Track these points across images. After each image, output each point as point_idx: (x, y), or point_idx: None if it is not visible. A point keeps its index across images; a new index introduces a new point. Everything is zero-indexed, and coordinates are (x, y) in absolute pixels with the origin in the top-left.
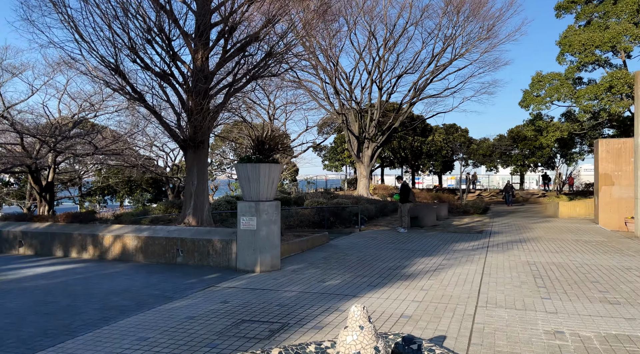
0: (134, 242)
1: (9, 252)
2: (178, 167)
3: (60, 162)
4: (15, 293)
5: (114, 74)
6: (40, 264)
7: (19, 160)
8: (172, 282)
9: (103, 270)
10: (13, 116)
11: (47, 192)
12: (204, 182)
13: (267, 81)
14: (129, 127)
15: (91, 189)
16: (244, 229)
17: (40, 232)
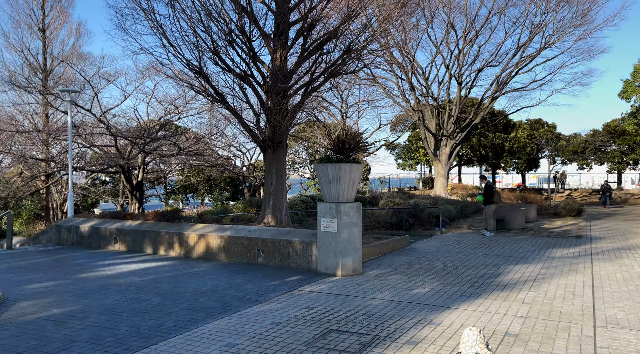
0: (217, 242)
1: (106, 248)
2: (254, 166)
3: (149, 163)
4: (113, 289)
5: (198, 76)
6: (133, 260)
7: (114, 161)
8: (254, 283)
9: (189, 269)
10: (108, 120)
11: (138, 190)
12: (282, 182)
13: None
14: (209, 129)
15: (175, 188)
16: (324, 231)
17: (132, 229)
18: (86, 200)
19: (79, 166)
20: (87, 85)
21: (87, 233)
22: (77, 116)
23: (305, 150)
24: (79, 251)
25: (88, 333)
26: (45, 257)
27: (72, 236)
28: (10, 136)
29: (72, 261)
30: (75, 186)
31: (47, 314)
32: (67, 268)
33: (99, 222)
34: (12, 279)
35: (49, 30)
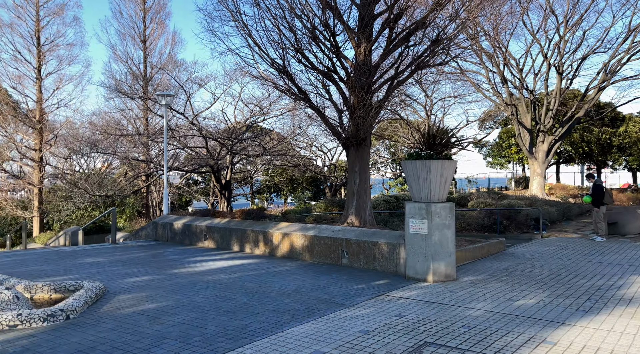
0: (300, 241)
1: (196, 244)
2: (335, 166)
3: (236, 163)
4: (201, 286)
5: (282, 75)
6: (221, 258)
7: (204, 161)
8: (339, 285)
9: (273, 267)
10: (199, 122)
11: (226, 189)
12: (366, 181)
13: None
14: (292, 129)
15: (260, 187)
16: (413, 233)
17: (220, 227)
18: (181, 198)
19: (173, 167)
20: (180, 90)
21: (180, 230)
22: (173, 120)
23: (387, 149)
24: (173, 246)
25: (177, 331)
26: (143, 252)
27: (167, 232)
28: (116, 139)
29: (166, 256)
30: (170, 186)
31: (142, 309)
32: (162, 263)
33: (190, 219)
34: (114, 273)
35: (149, 41)
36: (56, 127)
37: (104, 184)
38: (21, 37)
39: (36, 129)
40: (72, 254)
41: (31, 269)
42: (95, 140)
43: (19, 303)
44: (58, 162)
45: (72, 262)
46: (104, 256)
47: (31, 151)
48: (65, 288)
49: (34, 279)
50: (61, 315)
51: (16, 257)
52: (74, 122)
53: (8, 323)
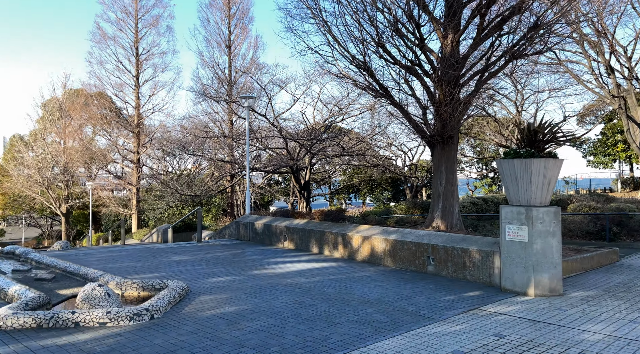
0: (382, 245)
1: (276, 245)
2: (416, 166)
3: (315, 164)
4: (280, 290)
5: (362, 71)
6: (300, 260)
7: (284, 162)
8: (426, 296)
9: (354, 272)
10: (280, 123)
11: (305, 190)
12: (453, 182)
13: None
14: (371, 129)
15: (338, 188)
16: (510, 240)
17: (299, 228)
18: (263, 198)
19: (255, 167)
20: (262, 92)
21: (261, 230)
22: (255, 122)
23: (472, 148)
24: (253, 246)
25: (256, 339)
26: (226, 251)
27: (248, 232)
28: (203, 141)
29: (247, 256)
30: (253, 186)
31: (222, 312)
32: (243, 264)
33: (270, 220)
34: (198, 272)
35: (233, 46)
36: (151, 131)
37: (192, 184)
38: (122, 48)
39: (134, 133)
40: (161, 251)
41: (124, 265)
42: (185, 142)
43: (109, 300)
44: (153, 164)
45: (161, 259)
46: (189, 255)
47: (130, 153)
48: (152, 286)
49: (126, 275)
50: (146, 315)
51: (113, 253)
52: (167, 126)
53: (98, 320)
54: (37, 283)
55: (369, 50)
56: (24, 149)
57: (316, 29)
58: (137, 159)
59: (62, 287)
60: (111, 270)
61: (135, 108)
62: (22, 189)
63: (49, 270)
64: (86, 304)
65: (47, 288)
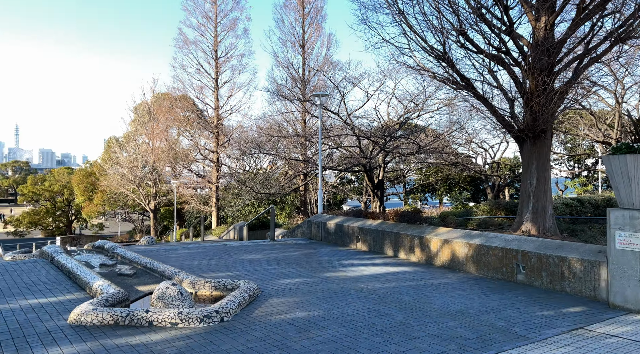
0: (463, 250)
1: (349, 245)
2: (498, 164)
3: (389, 162)
4: (353, 295)
5: (441, 62)
6: (374, 262)
7: (357, 160)
8: (517, 309)
9: (432, 279)
10: (352, 121)
11: (379, 189)
12: (545, 181)
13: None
14: (448, 125)
15: (414, 187)
16: (621, 249)
17: (373, 229)
18: (335, 197)
19: (327, 166)
20: (335, 90)
21: (333, 230)
22: (328, 121)
23: (562, 144)
24: (326, 246)
25: (326, 350)
26: (298, 250)
27: (321, 231)
28: (278, 141)
29: (319, 257)
30: (326, 184)
31: (291, 317)
32: (314, 265)
33: (342, 220)
34: (269, 272)
35: (307, 45)
36: (229, 131)
37: (267, 183)
38: (203, 52)
39: (214, 133)
40: (236, 249)
41: (200, 262)
42: (260, 142)
43: (182, 299)
44: (232, 163)
45: (235, 258)
46: (262, 253)
47: (210, 153)
48: (224, 286)
49: (201, 273)
50: (216, 317)
51: (191, 250)
52: (244, 126)
53: (170, 320)
54: (120, 278)
55: (448, 40)
56: (118, 149)
57: (391, 19)
58: (217, 158)
59: (142, 283)
60: (187, 267)
61: (215, 109)
62: (117, 187)
63: (131, 265)
64: (160, 303)
65: (128, 283)
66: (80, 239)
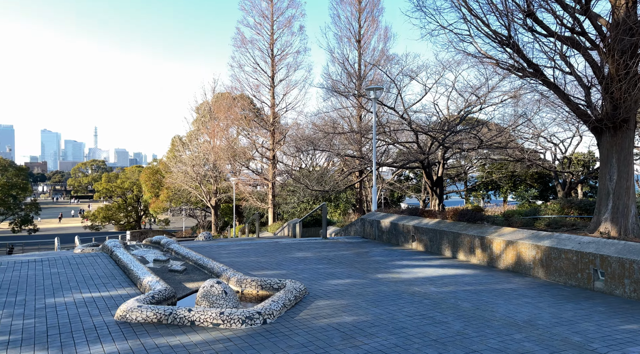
0: (530, 252)
1: (403, 245)
2: (569, 160)
3: (448, 158)
4: (406, 300)
5: (505, 48)
6: (430, 264)
7: (414, 156)
8: (596, 322)
9: (495, 283)
10: (410, 116)
11: (437, 186)
12: (628, 177)
13: None
14: (513, 119)
15: (475, 184)
16: None
17: (429, 228)
18: (393, 194)
19: (383, 162)
20: (392, 85)
21: (387, 228)
22: (384, 116)
23: None
24: (379, 246)
25: None
26: (350, 249)
27: (374, 230)
28: (332, 137)
29: (371, 257)
30: (382, 181)
31: (338, 322)
32: (366, 265)
33: (397, 218)
34: (318, 271)
35: (363, 39)
36: (285, 129)
37: (322, 180)
38: (259, 50)
39: (270, 131)
40: (287, 247)
41: (250, 260)
42: (314, 138)
43: (226, 298)
44: (288, 160)
45: (285, 256)
46: (312, 251)
47: (267, 151)
48: (271, 286)
49: (250, 270)
50: (258, 319)
51: (243, 247)
52: (299, 123)
53: (212, 320)
54: (170, 274)
55: (514, 23)
56: (181, 148)
57: (449, 4)
58: (273, 156)
59: (190, 280)
60: (237, 264)
61: (271, 107)
62: (180, 184)
63: (183, 261)
64: (205, 301)
65: (177, 279)
66: (147, 233)
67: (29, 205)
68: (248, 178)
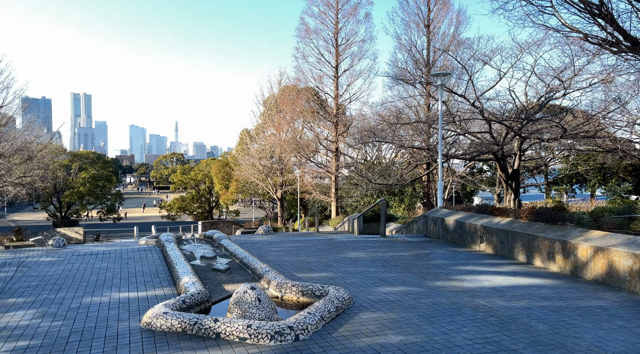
0: (626, 262)
1: (470, 246)
2: None
3: (526, 149)
4: (467, 316)
5: (596, 19)
6: (499, 270)
7: (487, 147)
8: None
9: (579, 299)
10: (482, 104)
11: (513, 180)
12: None
13: None
14: (603, 105)
15: (557, 177)
16: None
17: (500, 229)
18: (464, 188)
19: (451, 154)
20: (462, 71)
21: (452, 227)
22: (455, 106)
23: None
24: (442, 246)
25: None
26: (409, 250)
27: (438, 228)
28: (398, 128)
29: (432, 260)
30: (452, 174)
31: (381, 343)
32: (424, 270)
33: (464, 216)
34: (369, 275)
35: (432, 24)
36: (348, 120)
37: (385, 173)
38: (323, 40)
39: (333, 123)
40: (340, 245)
41: (299, 259)
42: (378, 130)
43: (259, 306)
44: (352, 152)
45: (336, 255)
46: (367, 251)
47: (330, 143)
48: (312, 292)
49: (295, 272)
50: (289, 335)
51: (295, 244)
52: (363, 114)
53: (238, 334)
54: (212, 273)
55: None
56: (249, 141)
57: None
58: (336, 148)
59: (232, 280)
60: (284, 264)
61: (334, 98)
62: (248, 176)
63: (230, 259)
64: (237, 309)
65: (218, 280)
66: (218, 224)
67: (114, 195)
68: (311, 171)
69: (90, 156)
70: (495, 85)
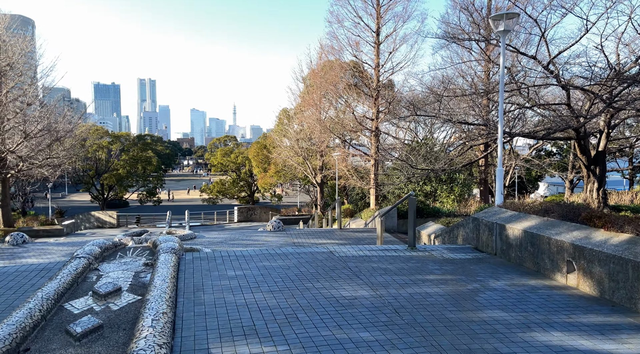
0: None
1: (549, 276)
2: None
3: (615, 125)
4: None
5: None
6: (611, 337)
7: (564, 123)
8: None
9: None
10: (558, 68)
11: (597, 165)
12: None
13: None
14: None
15: None
16: None
17: (610, 254)
18: (529, 173)
19: (513, 132)
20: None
21: (518, 240)
22: (520, 72)
23: None
24: (501, 274)
25: None
26: (444, 281)
27: (495, 240)
28: (449, 100)
29: (481, 309)
30: (517, 158)
31: None
32: (465, 339)
33: (537, 224)
34: (349, 345)
35: None
36: (391, 95)
37: (435, 157)
38: (362, 1)
39: (373, 97)
40: (339, 265)
41: (252, 299)
42: (426, 104)
43: None
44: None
45: (319, 292)
46: (376, 279)
47: (369, 121)
48: None
49: (216, 342)
50: None
51: (276, 260)
52: (408, 87)
53: None
54: (63, 336)
55: None
56: (287, 121)
57: None
58: (375, 127)
59: None
60: (213, 315)
61: (375, 68)
62: (286, 159)
63: (133, 297)
64: None
65: None
66: (255, 209)
67: (155, 178)
68: (346, 153)
69: (130, 137)
70: (577, 42)
